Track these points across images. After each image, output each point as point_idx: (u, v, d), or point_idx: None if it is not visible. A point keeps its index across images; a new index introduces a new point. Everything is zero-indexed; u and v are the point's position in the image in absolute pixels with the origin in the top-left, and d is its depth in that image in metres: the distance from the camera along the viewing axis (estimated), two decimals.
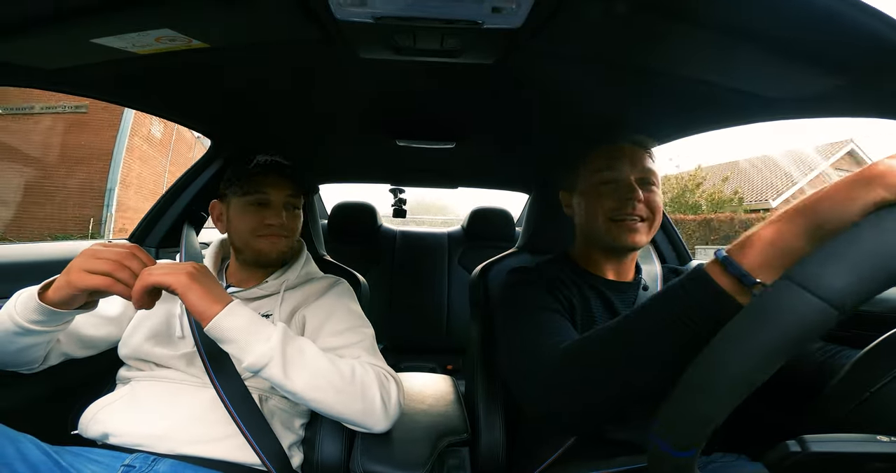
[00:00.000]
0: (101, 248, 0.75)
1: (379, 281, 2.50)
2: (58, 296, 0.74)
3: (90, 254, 0.74)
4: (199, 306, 0.76)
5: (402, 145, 1.39)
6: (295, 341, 0.82)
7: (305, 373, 0.80)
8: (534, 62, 0.85)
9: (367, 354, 0.96)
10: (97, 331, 0.97)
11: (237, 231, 1.03)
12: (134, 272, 0.74)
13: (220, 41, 0.78)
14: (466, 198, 10.88)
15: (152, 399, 0.90)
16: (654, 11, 0.63)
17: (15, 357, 0.83)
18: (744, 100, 0.89)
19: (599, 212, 0.93)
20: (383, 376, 0.91)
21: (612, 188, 0.93)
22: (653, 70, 0.85)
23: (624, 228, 0.91)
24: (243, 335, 0.77)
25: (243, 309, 0.79)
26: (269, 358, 0.77)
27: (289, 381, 0.79)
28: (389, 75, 0.95)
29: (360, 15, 0.65)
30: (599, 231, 0.94)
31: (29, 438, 0.74)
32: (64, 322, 0.80)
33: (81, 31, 0.71)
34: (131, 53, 0.79)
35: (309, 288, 1.08)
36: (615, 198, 0.92)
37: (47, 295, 0.75)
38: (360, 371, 0.87)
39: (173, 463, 0.82)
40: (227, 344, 0.78)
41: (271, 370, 0.77)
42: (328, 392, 0.81)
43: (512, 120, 1.23)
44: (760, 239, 0.44)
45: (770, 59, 0.71)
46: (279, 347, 0.78)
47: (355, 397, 0.84)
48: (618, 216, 0.91)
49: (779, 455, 0.40)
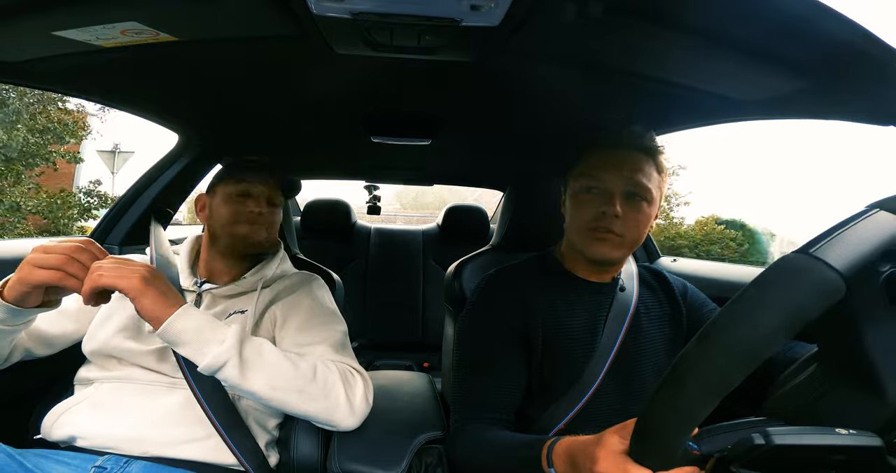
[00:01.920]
0: (52, 244, 0.74)
1: (354, 279, 2.48)
2: (12, 294, 0.73)
3: (41, 250, 0.73)
4: (152, 311, 0.74)
5: (377, 142, 1.38)
6: (251, 342, 0.82)
7: (263, 374, 0.79)
8: (511, 61, 0.86)
9: (333, 351, 0.95)
10: (55, 327, 0.95)
11: (219, 217, 1.03)
12: (85, 265, 0.73)
13: (190, 35, 0.76)
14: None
15: (120, 401, 0.88)
16: (629, 14, 0.65)
17: None
18: (713, 101, 0.92)
19: (577, 220, 0.91)
20: (348, 373, 0.90)
21: (592, 197, 0.89)
22: (627, 71, 0.86)
23: (595, 240, 0.88)
24: (197, 336, 0.76)
25: (196, 312, 0.78)
26: (225, 359, 0.76)
27: (246, 382, 0.78)
28: (366, 72, 0.94)
29: (338, 10, 0.64)
30: (575, 239, 0.93)
31: None
32: (26, 320, 0.79)
33: (42, 23, 0.68)
34: (95, 46, 0.76)
35: (283, 285, 1.07)
36: (591, 209, 0.88)
37: (3, 294, 0.74)
38: (322, 369, 0.86)
39: (146, 465, 0.81)
40: (182, 346, 0.77)
41: (227, 371, 0.77)
42: (288, 391, 0.81)
43: (488, 118, 1.24)
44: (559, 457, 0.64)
45: (738, 62, 0.73)
46: (234, 348, 0.77)
47: (317, 395, 0.83)
48: (591, 226, 0.88)
49: (743, 448, 0.41)
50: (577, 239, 0.92)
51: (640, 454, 0.48)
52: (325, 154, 1.76)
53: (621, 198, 0.87)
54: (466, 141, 1.48)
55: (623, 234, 0.87)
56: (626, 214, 0.86)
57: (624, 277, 0.99)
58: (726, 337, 0.39)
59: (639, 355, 0.93)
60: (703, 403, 0.40)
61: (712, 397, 0.40)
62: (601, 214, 0.86)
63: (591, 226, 0.88)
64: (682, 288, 1.04)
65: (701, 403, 0.40)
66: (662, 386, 0.43)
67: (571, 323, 0.93)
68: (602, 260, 0.91)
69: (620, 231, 0.87)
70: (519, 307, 0.92)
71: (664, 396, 0.43)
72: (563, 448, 0.64)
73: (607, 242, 0.87)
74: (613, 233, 0.87)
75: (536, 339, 0.90)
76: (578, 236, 0.91)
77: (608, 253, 0.89)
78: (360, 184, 2.47)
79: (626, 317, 0.93)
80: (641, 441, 0.47)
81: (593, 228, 0.88)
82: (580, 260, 0.96)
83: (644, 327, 0.95)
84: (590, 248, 0.89)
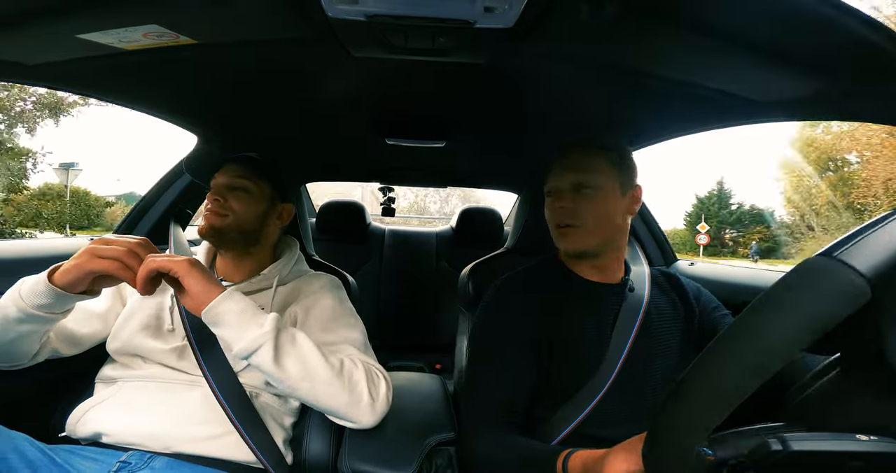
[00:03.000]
0: (113, 237, 0.80)
1: (367, 280, 2.49)
2: (64, 280, 0.77)
3: (101, 242, 0.78)
4: (197, 293, 0.78)
5: (392, 144, 1.39)
6: (287, 330, 0.85)
7: (295, 362, 0.82)
8: (525, 62, 0.86)
9: (358, 351, 0.97)
10: (84, 328, 0.98)
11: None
12: (141, 259, 0.77)
13: (209, 37, 0.77)
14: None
15: (143, 399, 0.90)
16: (644, 14, 0.64)
17: (7, 348, 0.84)
18: (731, 102, 0.90)
19: (550, 220, 0.99)
20: (374, 373, 0.92)
21: (550, 200, 0.99)
22: (642, 71, 0.85)
23: (560, 236, 0.97)
24: (238, 318, 0.79)
25: (239, 296, 0.82)
26: (261, 343, 0.78)
27: (278, 368, 0.80)
28: (380, 74, 0.95)
29: (352, 13, 0.65)
30: (553, 238, 0.99)
31: (23, 436, 0.76)
32: (65, 309, 0.83)
33: (67, 26, 0.70)
34: (118, 49, 0.77)
35: (301, 285, 1.09)
36: (551, 210, 0.98)
37: (54, 279, 0.77)
38: (349, 364, 0.89)
39: (169, 461, 0.83)
40: (222, 327, 0.79)
41: (262, 355, 0.79)
42: (316, 382, 0.83)
43: (502, 120, 1.23)
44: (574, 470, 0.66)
45: (757, 62, 0.72)
46: (271, 333, 0.80)
47: (343, 389, 0.85)
48: (554, 224, 0.97)
49: (760, 454, 0.41)
50: (555, 237, 0.99)
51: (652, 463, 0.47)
52: (340, 155, 1.77)
53: (570, 192, 0.95)
54: (480, 143, 1.48)
55: (581, 225, 0.94)
56: (578, 206, 0.94)
57: (634, 279, 1.00)
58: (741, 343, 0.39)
59: (650, 357, 0.92)
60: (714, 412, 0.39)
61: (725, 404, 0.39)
62: (558, 210, 0.95)
63: (553, 223, 0.97)
64: (696, 291, 1.04)
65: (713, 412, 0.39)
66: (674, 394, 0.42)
67: (580, 326, 0.93)
68: (575, 252, 0.97)
69: (577, 222, 0.94)
70: (529, 310, 0.94)
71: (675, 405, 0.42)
72: (578, 461, 0.65)
73: (568, 236, 0.95)
74: (571, 227, 0.94)
75: (546, 342, 0.91)
76: (553, 235, 0.99)
77: (575, 244, 0.95)
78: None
79: (636, 319, 0.93)
80: (653, 451, 0.47)
81: (556, 226, 0.97)
82: (572, 259, 1.01)
83: (656, 329, 0.95)
84: (560, 243, 0.98)
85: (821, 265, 0.38)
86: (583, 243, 0.95)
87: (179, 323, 0.94)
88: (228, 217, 1.04)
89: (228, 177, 1.07)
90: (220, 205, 1.04)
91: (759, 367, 0.38)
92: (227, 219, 1.04)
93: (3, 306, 0.79)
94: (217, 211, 1.03)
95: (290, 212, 1.16)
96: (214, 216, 1.03)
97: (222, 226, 1.03)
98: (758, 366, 0.38)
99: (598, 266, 0.99)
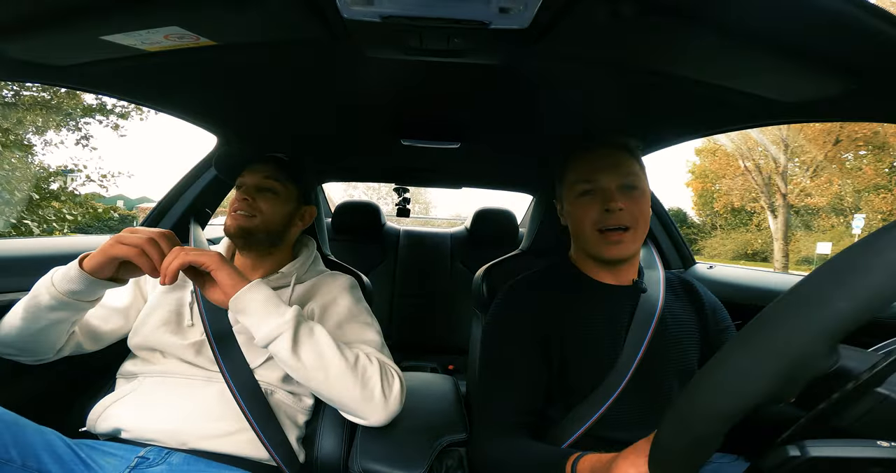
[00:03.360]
0: (141, 227, 0.84)
1: (382, 280, 2.50)
2: (91, 264, 0.81)
3: (129, 230, 0.83)
4: (226, 284, 0.83)
5: (407, 145, 1.39)
6: (307, 322, 0.88)
7: (311, 352, 0.84)
8: (541, 63, 0.85)
9: (374, 351, 0.98)
10: (106, 323, 1.00)
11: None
12: (162, 251, 0.81)
13: (228, 39, 0.78)
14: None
15: (161, 395, 0.92)
16: (663, 13, 0.63)
17: (37, 337, 0.87)
18: (750, 103, 0.89)
19: (586, 223, 0.92)
20: (388, 371, 0.93)
21: (592, 199, 0.92)
22: (660, 72, 0.84)
23: (608, 241, 0.90)
24: (261, 308, 0.83)
25: (265, 287, 0.86)
26: (281, 331, 0.82)
27: (295, 357, 0.83)
28: (395, 75, 0.95)
29: (368, 14, 0.65)
30: (588, 243, 0.94)
31: (53, 432, 0.78)
32: (94, 298, 0.86)
33: (91, 28, 0.71)
34: (140, 50, 0.79)
35: (319, 284, 1.10)
36: (594, 210, 0.91)
37: (83, 265, 0.82)
38: (364, 360, 0.90)
39: (186, 457, 0.85)
40: (246, 315, 0.83)
41: (281, 343, 0.82)
42: (330, 374, 0.85)
43: (518, 121, 1.23)
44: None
45: (779, 62, 0.71)
46: (291, 323, 0.84)
47: (356, 383, 0.86)
48: (602, 227, 0.90)
49: (778, 460, 0.40)
50: (588, 243, 0.93)
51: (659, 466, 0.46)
52: (357, 156, 1.78)
53: (618, 192, 0.90)
54: (495, 144, 1.47)
55: (631, 226, 0.90)
56: (628, 206, 0.89)
57: (647, 281, 0.98)
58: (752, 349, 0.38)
59: (665, 360, 0.91)
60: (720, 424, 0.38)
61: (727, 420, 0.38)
62: (605, 213, 0.89)
63: (598, 226, 0.90)
64: (713, 304, 1.02)
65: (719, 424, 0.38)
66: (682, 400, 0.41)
67: (593, 325, 0.92)
68: (619, 260, 0.92)
69: (628, 223, 0.89)
70: (541, 308, 0.93)
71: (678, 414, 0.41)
72: (587, 464, 0.65)
73: (620, 241, 0.90)
74: (622, 231, 0.89)
75: (558, 340, 0.91)
76: (589, 240, 0.93)
77: (627, 250, 0.91)
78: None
79: (651, 321, 0.91)
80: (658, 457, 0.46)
81: (601, 229, 0.90)
82: (593, 263, 0.97)
83: (671, 332, 0.93)
84: (604, 251, 0.91)
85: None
86: (633, 248, 0.92)
87: (199, 319, 0.96)
88: (256, 218, 1.05)
89: (258, 177, 1.08)
90: (249, 205, 1.05)
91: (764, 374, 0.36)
92: (255, 220, 1.05)
93: (36, 294, 0.83)
94: (245, 211, 1.05)
95: (312, 215, 1.18)
96: (243, 216, 1.05)
97: (250, 226, 1.05)
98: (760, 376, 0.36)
99: (616, 271, 0.97)
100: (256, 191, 1.07)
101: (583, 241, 0.95)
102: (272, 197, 1.08)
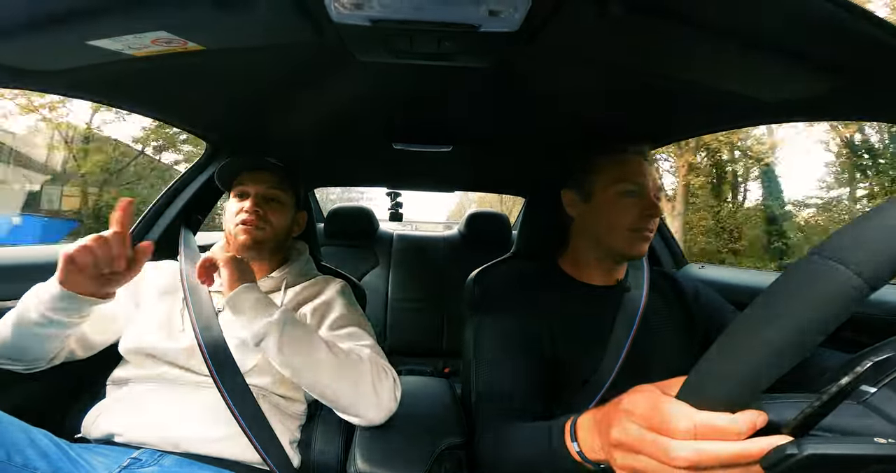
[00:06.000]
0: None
1: (376, 285, 2.49)
2: (62, 276, 0.78)
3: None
4: (230, 281, 0.89)
5: (399, 148, 1.39)
6: (296, 323, 0.89)
7: (301, 351, 0.86)
8: (531, 65, 0.86)
9: (367, 350, 0.97)
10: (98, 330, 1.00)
11: (224, 221, 1.08)
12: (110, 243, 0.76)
13: (217, 44, 0.78)
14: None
15: (153, 399, 0.91)
16: (651, 14, 0.63)
17: (28, 348, 0.87)
18: (740, 103, 0.89)
19: (621, 223, 0.93)
20: (380, 368, 0.93)
21: (634, 202, 0.93)
22: (649, 73, 0.85)
23: (641, 240, 0.94)
24: (252, 306, 0.88)
25: (257, 289, 0.91)
26: (268, 330, 0.85)
27: (282, 356, 0.85)
28: (386, 78, 0.95)
29: (357, 18, 0.65)
30: (616, 240, 0.94)
31: (40, 430, 0.77)
32: (83, 314, 0.84)
33: (77, 33, 0.71)
34: (127, 55, 0.78)
35: (311, 287, 1.10)
36: (637, 213, 0.92)
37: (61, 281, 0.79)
38: (354, 356, 0.90)
39: (178, 460, 0.85)
40: (238, 313, 0.88)
41: (269, 341, 0.85)
42: (320, 371, 0.86)
43: (509, 123, 1.23)
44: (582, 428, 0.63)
45: (767, 62, 0.71)
46: (279, 323, 0.86)
47: (347, 379, 0.87)
48: (637, 228, 0.93)
49: (776, 458, 0.40)
50: (622, 240, 0.94)
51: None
52: (348, 160, 1.78)
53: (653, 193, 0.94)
54: (487, 147, 1.47)
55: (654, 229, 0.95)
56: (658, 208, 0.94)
57: (631, 279, 1.01)
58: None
59: (650, 356, 0.93)
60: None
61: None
62: (646, 216, 0.92)
63: (635, 226, 0.93)
64: (692, 291, 1.04)
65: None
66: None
67: (580, 326, 0.93)
68: (639, 256, 0.97)
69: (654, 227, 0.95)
70: (531, 306, 0.95)
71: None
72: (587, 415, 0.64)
73: (649, 240, 0.95)
74: (651, 231, 0.94)
75: (549, 342, 0.92)
76: (618, 237, 0.94)
77: (645, 250, 0.96)
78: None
79: (636, 317, 0.94)
80: None
81: (637, 229, 0.93)
82: (595, 263, 0.99)
83: (655, 328, 0.96)
84: (633, 248, 0.94)
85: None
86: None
87: (189, 325, 0.95)
88: (267, 229, 1.05)
89: (262, 187, 1.06)
90: (260, 217, 1.04)
91: (801, 334, 0.37)
92: (266, 232, 1.05)
93: (24, 310, 0.82)
94: (256, 223, 1.03)
95: (304, 220, 1.18)
96: (254, 228, 1.03)
97: (263, 238, 1.04)
98: (799, 333, 0.37)
99: (614, 270, 1.00)
100: (265, 202, 1.06)
101: (608, 239, 0.95)
102: (278, 206, 1.07)
